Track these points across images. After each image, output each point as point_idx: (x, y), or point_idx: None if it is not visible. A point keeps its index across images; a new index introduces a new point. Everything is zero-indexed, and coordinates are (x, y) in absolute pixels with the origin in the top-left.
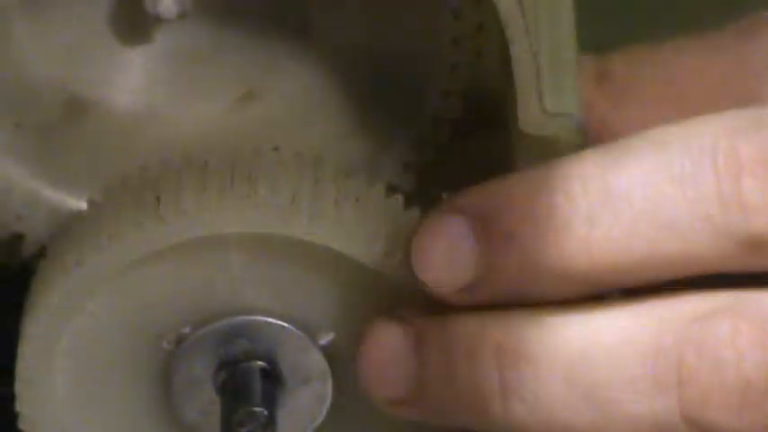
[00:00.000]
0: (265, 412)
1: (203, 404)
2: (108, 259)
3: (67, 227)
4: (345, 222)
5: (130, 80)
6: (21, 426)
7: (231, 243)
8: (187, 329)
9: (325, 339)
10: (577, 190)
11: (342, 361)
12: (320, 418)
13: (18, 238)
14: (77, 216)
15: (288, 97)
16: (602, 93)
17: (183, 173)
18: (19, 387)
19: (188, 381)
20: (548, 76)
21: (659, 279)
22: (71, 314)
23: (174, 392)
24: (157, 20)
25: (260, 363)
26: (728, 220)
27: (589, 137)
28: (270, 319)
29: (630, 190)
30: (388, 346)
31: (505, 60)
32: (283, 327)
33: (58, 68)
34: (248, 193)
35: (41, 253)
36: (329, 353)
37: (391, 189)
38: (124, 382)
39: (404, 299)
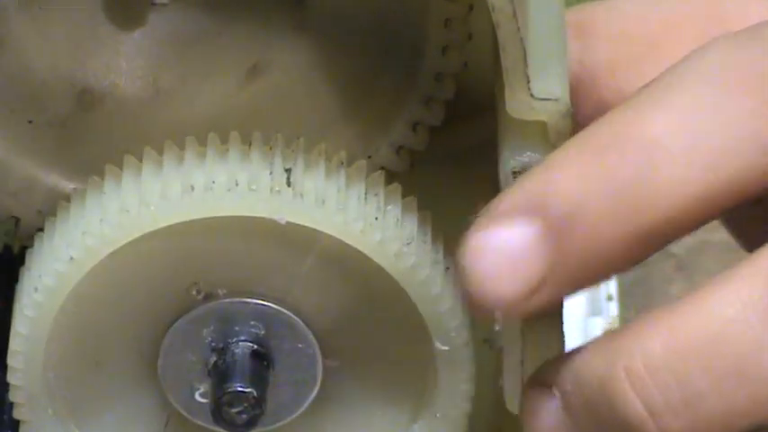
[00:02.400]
0: (254, 393)
1: (194, 385)
2: (110, 235)
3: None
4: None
5: (137, 66)
6: (12, 397)
7: (251, 227)
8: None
9: (318, 324)
10: (623, 149)
11: (332, 345)
12: (310, 399)
13: (40, 231)
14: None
15: (291, 70)
16: (572, 34)
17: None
18: (11, 359)
19: (184, 365)
20: (535, 60)
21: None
22: (65, 290)
23: (167, 373)
24: (152, 3)
25: (251, 344)
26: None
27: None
28: (264, 303)
29: (675, 133)
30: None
31: (496, 44)
32: (278, 310)
33: (64, 62)
34: (274, 186)
35: None
36: (320, 337)
37: (387, 173)
38: (118, 361)
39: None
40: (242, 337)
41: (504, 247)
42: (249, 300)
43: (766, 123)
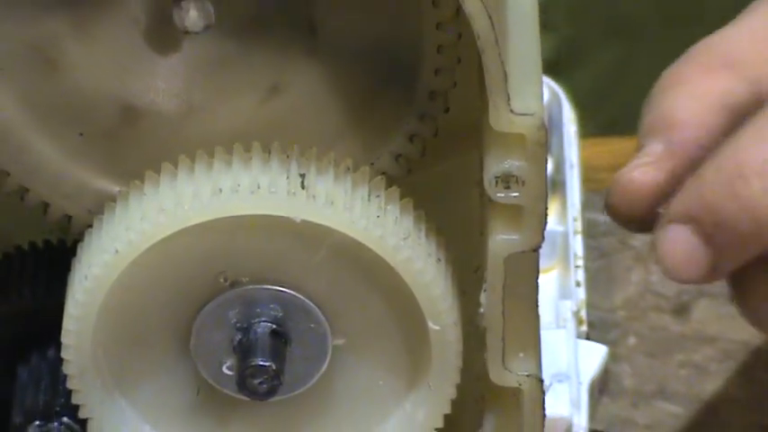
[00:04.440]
0: (273, 366)
1: (222, 360)
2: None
3: (113, 207)
4: (358, 210)
5: (172, 86)
6: (65, 370)
7: (271, 224)
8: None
9: (328, 307)
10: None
11: (340, 325)
12: (321, 372)
13: (89, 227)
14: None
15: (305, 90)
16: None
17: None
18: (65, 338)
19: (213, 342)
20: (514, 81)
21: None
22: (111, 278)
23: (198, 349)
24: (186, 32)
25: (270, 325)
26: None
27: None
28: (282, 289)
29: None
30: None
31: (481, 67)
32: (294, 296)
33: (110, 83)
34: (290, 189)
35: None
36: (330, 318)
37: (387, 178)
38: (156, 339)
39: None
40: (263, 319)
41: (680, 247)
42: (269, 286)
43: None
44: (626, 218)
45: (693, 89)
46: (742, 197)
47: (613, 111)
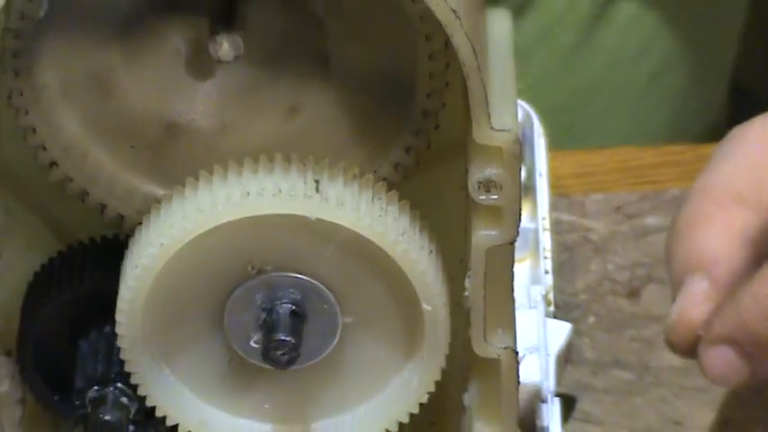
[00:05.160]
0: (293, 341)
1: (250, 335)
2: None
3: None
4: (364, 210)
5: (208, 107)
6: (119, 343)
7: (290, 222)
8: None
9: (338, 291)
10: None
11: (348, 306)
12: (332, 346)
13: (139, 224)
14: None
15: (319, 110)
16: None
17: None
18: (118, 317)
19: (242, 321)
20: (494, 102)
21: None
22: (157, 267)
23: (230, 326)
24: (219, 62)
25: (290, 306)
26: None
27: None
28: (300, 276)
29: None
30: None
31: (466, 90)
32: (310, 282)
33: (155, 104)
34: (306, 192)
35: None
36: (340, 300)
37: (387, 184)
38: (195, 318)
39: (398, 267)
40: (284, 301)
41: (725, 364)
42: (289, 274)
43: None
44: (687, 349)
45: (716, 227)
46: None
47: (575, 128)
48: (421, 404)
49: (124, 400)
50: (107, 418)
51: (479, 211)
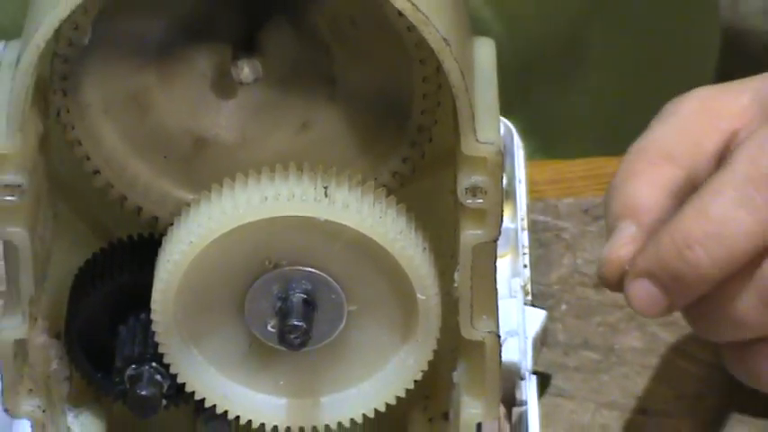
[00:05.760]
0: (304, 326)
1: (267, 321)
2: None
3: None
4: (366, 212)
5: (231, 123)
6: (154, 328)
7: (302, 223)
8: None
9: (344, 283)
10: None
11: (353, 295)
12: (339, 330)
13: (171, 225)
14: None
15: (327, 125)
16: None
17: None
18: (153, 305)
19: (261, 308)
20: (479, 119)
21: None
22: (186, 262)
23: (250, 313)
24: (240, 83)
25: (302, 295)
26: None
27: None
28: (311, 269)
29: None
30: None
31: (455, 108)
32: (321, 275)
33: (186, 120)
34: (316, 197)
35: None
36: (345, 291)
37: (387, 189)
38: (220, 306)
39: (395, 262)
40: (297, 291)
41: (645, 295)
42: (301, 267)
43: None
44: (615, 283)
45: (646, 180)
46: (689, 259)
47: (550, 140)
48: (416, 381)
49: (158, 377)
50: (143, 393)
51: (467, 213)
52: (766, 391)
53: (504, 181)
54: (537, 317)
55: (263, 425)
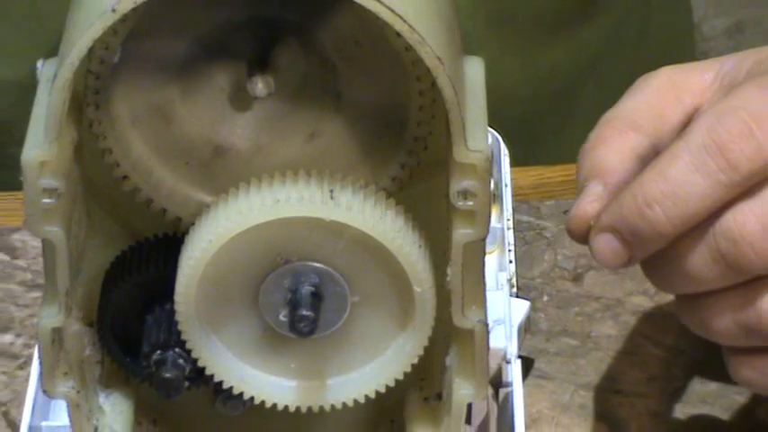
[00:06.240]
0: (312, 315)
1: (279, 311)
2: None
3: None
4: (368, 213)
5: (246, 132)
6: (177, 317)
7: (310, 222)
8: (281, 263)
9: (348, 276)
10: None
11: (356, 288)
12: (343, 319)
13: (192, 224)
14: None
15: (333, 135)
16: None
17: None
18: (176, 296)
19: (273, 300)
20: (469, 130)
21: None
22: (206, 258)
23: (264, 304)
24: (255, 97)
25: (311, 288)
26: None
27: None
28: (318, 264)
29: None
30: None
31: (447, 120)
32: (328, 270)
33: (206, 130)
34: (323, 199)
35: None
36: (349, 283)
37: (386, 193)
38: (236, 297)
39: (394, 258)
40: (306, 284)
41: (607, 248)
42: (310, 263)
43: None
44: (580, 236)
45: (614, 145)
46: (647, 217)
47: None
48: (412, 365)
49: (181, 361)
50: (167, 375)
51: (458, 214)
52: (713, 339)
53: (492, 185)
54: (521, 307)
55: (275, 404)
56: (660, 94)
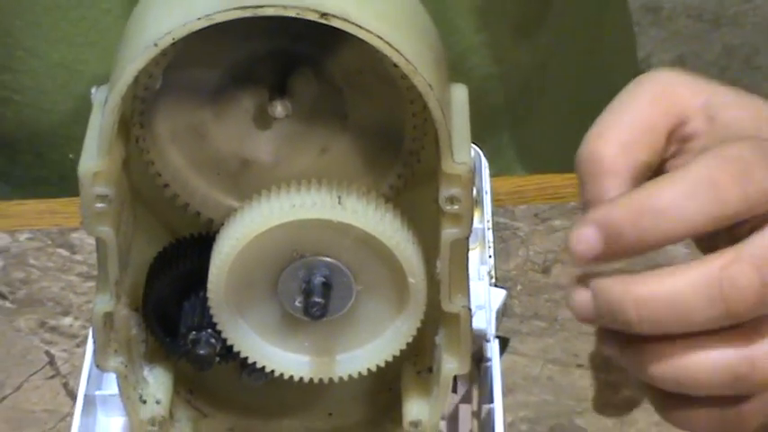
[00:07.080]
0: (323, 302)
1: (295, 298)
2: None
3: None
4: (370, 216)
5: (268, 148)
6: (209, 303)
7: (321, 224)
8: (296, 257)
9: (353, 269)
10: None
11: (360, 278)
12: (349, 305)
13: (222, 225)
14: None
15: (341, 151)
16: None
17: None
18: (209, 285)
19: (290, 288)
20: (455, 145)
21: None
22: (233, 253)
23: (282, 292)
24: (275, 118)
25: (322, 279)
26: None
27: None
28: (328, 259)
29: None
30: None
31: (436, 135)
32: (336, 263)
33: (234, 145)
34: (332, 204)
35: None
36: (354, 274)
37: (385, 198)
38: (259, 286)
39: (392, 253)
40: (318, 275)
41: (585, 237)
42: (321, 257)
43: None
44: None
45: (608, 164)
46: (635, 223)
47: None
48: (408, 343)
49: (212, 340)
50: (201, 352)
51: (446, 216)
52: (679, 388)
53: (474, 192)
54: (499, 295)
55: (291, 376)
56: (650, 111)
